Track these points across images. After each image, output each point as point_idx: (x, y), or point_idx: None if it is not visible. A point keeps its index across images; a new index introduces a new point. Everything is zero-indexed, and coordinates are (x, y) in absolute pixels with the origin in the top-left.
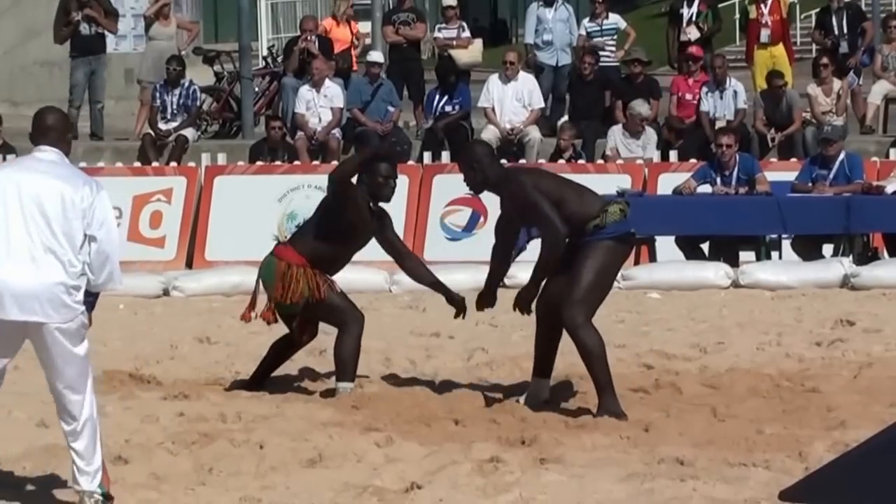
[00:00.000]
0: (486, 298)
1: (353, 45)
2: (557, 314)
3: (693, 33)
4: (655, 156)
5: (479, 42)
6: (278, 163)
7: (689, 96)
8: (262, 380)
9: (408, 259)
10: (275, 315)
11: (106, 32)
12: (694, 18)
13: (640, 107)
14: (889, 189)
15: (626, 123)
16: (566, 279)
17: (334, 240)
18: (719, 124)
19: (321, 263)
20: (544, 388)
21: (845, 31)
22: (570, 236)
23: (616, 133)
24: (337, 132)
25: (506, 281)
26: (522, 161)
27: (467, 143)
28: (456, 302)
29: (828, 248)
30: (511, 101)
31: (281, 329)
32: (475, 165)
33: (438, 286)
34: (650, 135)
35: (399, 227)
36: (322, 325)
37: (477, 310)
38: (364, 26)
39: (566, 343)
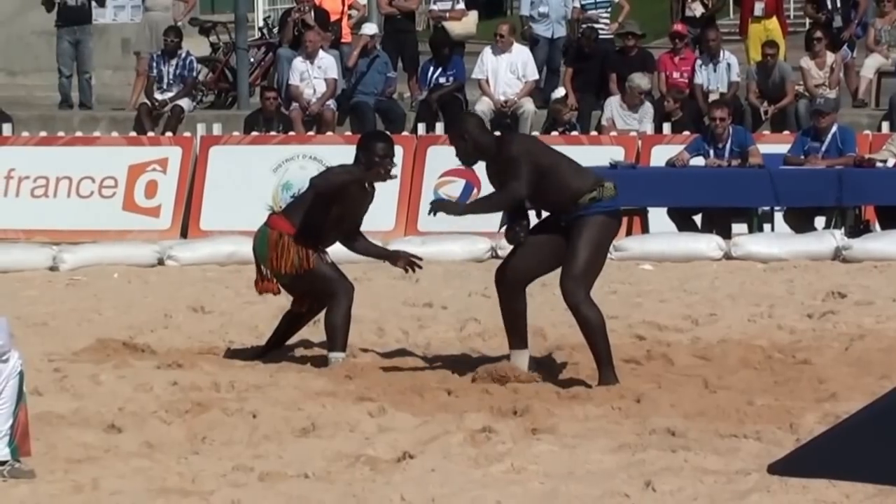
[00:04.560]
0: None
1: (345, 14)
2: (518, 286)
3: (698, 9)
4: (650, 128)
5: (473, 14)
6: (273, 133)
7: (676, 74)
8: (274, 348)
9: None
10: (277, 286)
11: (93, 3)
12: None
13: (640, 80)
14: (887, 162)
15: (625, 96)
16: (537, 255)
17: (326, 218)
18: (713, 97)
19: (313, 236)
20: (524, 359)
21: (838, 4)
22: (562, 209)
23: (613, 104)
24: (331, 103)
25: (499, 252)
26: None
27: (457, 116)
28: (397, 259)
29: (820, 221)
30: (505, 72)
31: (277, 299)
32: (465, 136)
33: (381, 253)
34: (647, 108)
35: (393, 197)
36: None
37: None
38: None
39: (560, 314)
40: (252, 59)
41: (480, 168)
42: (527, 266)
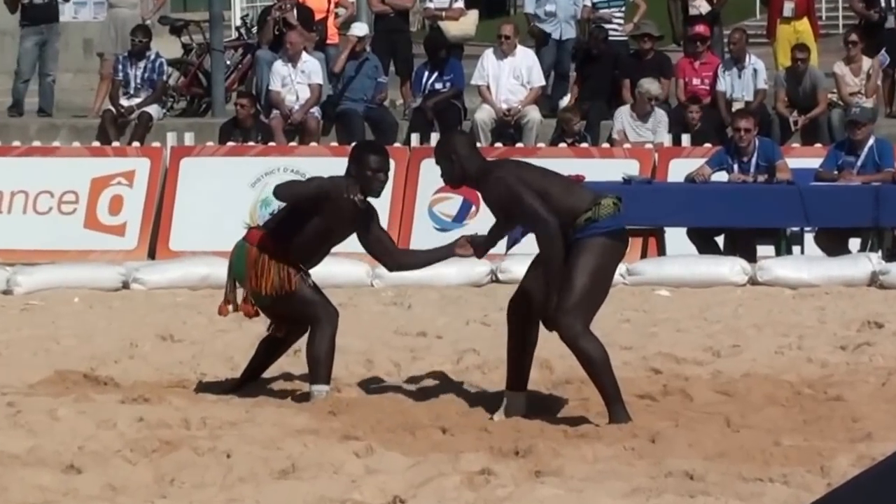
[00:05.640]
0: (485, 246)
1: (331, 13)
2: (532, 318)
3: (702, 6)
4: (666, 139)
5: (473, 13)
6: (251, 144)
7: (696, 81)
8: (250, 381)
9: (398, 254)
10: (255, 308)
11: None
12: None
13: (650, 85)
14: None
15: (635, 104)
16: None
17: (310, 233)
18: (737, 106)
19: (296, 255)
20: (520, 403)
21: (892, 3)
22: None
23: (623, 115)
24: (316, 111)
25: (500, 276)
26: (520, 144)
27: (445, 134)
28: (459, 250)
29: (854, 243)
30: (508, 78)
31: (254, 326)
32: (453, 157)
33: (436, 255)
34: (660, 116)
35: (383, 215)
36: None
37: (477, 257)
38: None
39: (565, 346)
40: (228, 62)
41: None
42: (543, 295)
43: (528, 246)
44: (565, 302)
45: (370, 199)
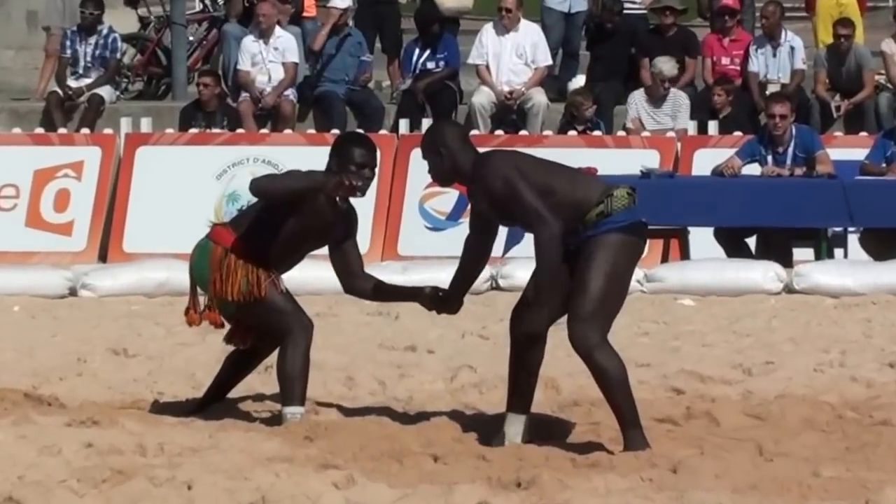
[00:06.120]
0: (451, 303)
1: None
2: (538, 332)
3: None
4: (690, 127)
5: None
6: (217, 131)
7: (725, 60)
8: (215, 401)
9: (361, 279)
10: (220, 317)
11: None
12: None
13: (664, 64)
14: None
15: (650, 87)
16: (559, 292)
17: (284, 234)
18: (772, 89)
19: (267, 257)
20: (522, 426)
21: None
22: (568, 231)
23: (638, 99)
24: (291, 93)
25: (500, 282)
26: (523, 132)
27: (433, 125)
28: (428, 299)
29: None
30: (510, 56)
31: (219, 338)
32: (442, 151)
33: (399, 294)
34: (680, 100)
35: (368, 212)
36: None
37: (437, 313)
38: None
39: (578, 361)
40: (191, 38)
41: None
42: (549, 307)
43: (531, 247)
44: (580, 309)
45: (353, 200)
